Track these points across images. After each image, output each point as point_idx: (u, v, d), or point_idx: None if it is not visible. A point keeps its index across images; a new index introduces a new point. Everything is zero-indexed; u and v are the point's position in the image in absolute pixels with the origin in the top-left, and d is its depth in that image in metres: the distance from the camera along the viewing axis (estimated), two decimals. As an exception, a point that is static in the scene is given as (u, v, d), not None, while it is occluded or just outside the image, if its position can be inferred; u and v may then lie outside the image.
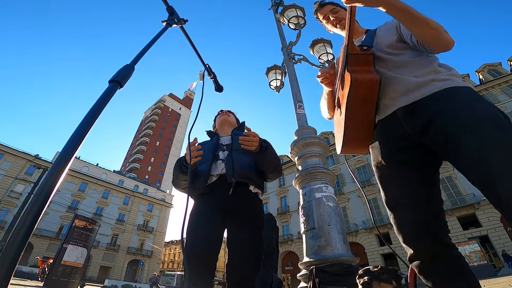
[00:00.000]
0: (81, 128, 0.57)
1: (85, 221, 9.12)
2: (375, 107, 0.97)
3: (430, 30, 0.86)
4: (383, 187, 0.95)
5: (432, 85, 0.87)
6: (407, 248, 0.87)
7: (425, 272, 0.84)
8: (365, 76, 0.93)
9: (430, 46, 0.91)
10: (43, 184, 0.48)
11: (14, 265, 0.40)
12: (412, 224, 0.84)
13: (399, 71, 0.96)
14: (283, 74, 4.46)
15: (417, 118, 0.85)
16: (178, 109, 77.89)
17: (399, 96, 0.92)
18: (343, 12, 1.34)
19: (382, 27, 1.15)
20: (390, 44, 1.04)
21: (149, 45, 0.89)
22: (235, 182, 1.38)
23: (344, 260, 2.01)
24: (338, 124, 1.15)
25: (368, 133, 1.03)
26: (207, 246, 1.27)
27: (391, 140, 0.93)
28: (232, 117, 1.88)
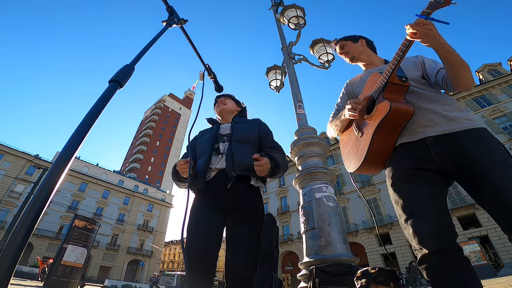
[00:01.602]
0: (81, 128, 0.58)
1: (85, 221, 9.12)
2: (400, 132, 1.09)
3: (466, 73, 0.99)
4: (401, 194, 1.02)
5: (461, 122, 1.02)
6: (420, 249, 0.91)
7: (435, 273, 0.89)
8: (403, 106, 1.05)
9: (457, 86, 1.04)
10: (43, 184, 0.48)
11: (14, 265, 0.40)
12: (431, 226, 0.91)
13: (429, 103, 1.09)
14: (283, 74, 4.46)
15: (446, 148, 0.98)
16: (178, 109, 77.90)
17: (430, 126, 1.04)
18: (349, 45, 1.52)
19: (404, 61, 1.25)
20: (416, 79, 1.18)
21: (149, 45, 0.89)
22: (236, 175, 1.34)
23: (344, 260, 2.01)
24: (354, 145, 1.26)
25: (386, 155, 1.14)
26: (207, 246, 1.27)
27: (415, 160, 1.03)
28: (229, 103, 1.75)
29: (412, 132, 1.07)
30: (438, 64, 1.17)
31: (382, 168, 1.20)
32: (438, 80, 1.12)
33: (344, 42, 1.56)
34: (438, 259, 0.87)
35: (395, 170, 1.08)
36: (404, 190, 1.02)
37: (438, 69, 1.14)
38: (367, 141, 1.12)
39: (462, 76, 1.01)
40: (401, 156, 1.09)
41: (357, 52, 1.51)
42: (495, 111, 19.84)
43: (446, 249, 0.87)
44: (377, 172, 1.23)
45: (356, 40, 1.54)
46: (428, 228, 0.91)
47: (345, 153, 1.37)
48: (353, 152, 1.25)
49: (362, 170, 1.21)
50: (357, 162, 1.20)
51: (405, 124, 1.07)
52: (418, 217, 0.94)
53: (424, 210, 0.94)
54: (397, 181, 1.06)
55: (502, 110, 19.56)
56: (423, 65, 1.22)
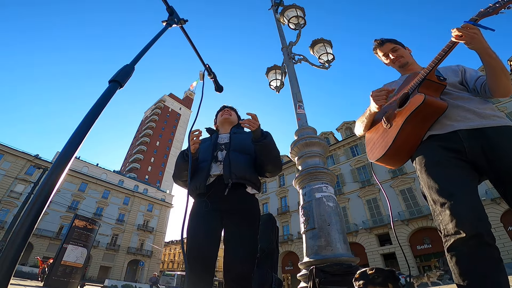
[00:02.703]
0: (81, 128, 0.58)
1: (85, 221, 9.13)
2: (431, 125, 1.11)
3: (505, 78, 1.03)
4: (436, 179, 1.01)
5: (493, 119, 1.05)
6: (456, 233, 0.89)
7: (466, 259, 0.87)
8: (437, 101, 1.08)
9: (496, 92, 1.07)
10: (43, 184, 0.48)
11: (14, 265, 0.40)
12: (471, 209, 0.90)
13: (463, 102, 1.13)
14: (283, 74, 4.46)
15: (479, 143, 1.01)
16: (178, 109, 77.89)
17: (461, 121, 1.07)
18: (402, 50, 1.49)
19: (444, 69, 1.31)
20: (453, 84, 1.22)
21: (149, 45, 0.89)
22: (232, 183, 1.39)
23: (344, 260, 2.01)
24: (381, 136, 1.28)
25: (413, 147, 1.15)
26: (206, 246, 1.29)
27: (448, 150, 1.05)
28: (234, 115, 1.85)
29: (442, 125, 1.09)
30: (478, 73, 1.22)
31: (406, 160, 1.20)
32: (477, 86, 1.15)
33: (396, 45, 1.49)
34: (472, 245, 0.86)
35: (428, 157, 1.08)
36: (441, 174, 1.01)
37: (477, 76, 1.18)
38: (396, 130, 1.14)
39: (502, 82, 1.04)
40: (433, 145, 1.09)
41: (410, 58, 1.48)
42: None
43: (483, 235, 0.85)
44: (399, 164, 1.23)
45: (404, 46, 1.51)
46: (467, 212, 0.89)
47: (370, 146, 1.37)
48: (379, 142, 1.26)
49: (385, 160, 1.20)
50: (381, 151, 1.20)
51: (436, 118, 1.09)
52: (457, 199, 0.93)
53: (462, 194, 0.93)
54: (433, 165, 1.05)
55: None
56: (464, 73, 1.25)
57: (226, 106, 1.90)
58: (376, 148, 1.26)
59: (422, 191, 1.09)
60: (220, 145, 1.62)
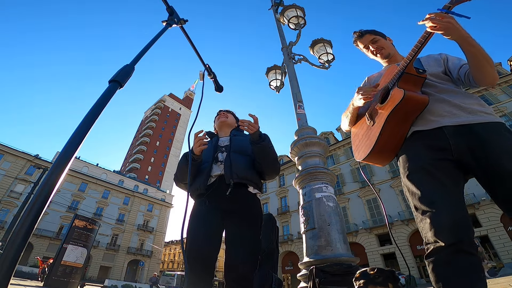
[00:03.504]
0: (81, 128, 0.57)
1: (85, 221, 9.13)
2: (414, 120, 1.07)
3: (488, 66, 0.98)
4: (418, 186, 0.98)
5: (480, 115, 1.01)
6: (435, 241, 0.88)
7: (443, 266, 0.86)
8: (417, 95, 1.03)
9: (480, 81, 1.02)
10: (43, 184, 0.48)
11: (14, 265, 0.40)
12: (449, 219, 0.88)
13: (449, 95, 1.08)
14: (283, 74, 4.46)
15: (465, 140, 0.97)
16: (178, 109, 77.87)
17: (447, 116, 1.03)
18: (383, 41, 1.42)
19: (426, 58, 1.26)
20: (436, 74, 1.17)
21: (149, 45, 0.89)
22: (233, 183, 1.39)
23: (344, 260, 2.01)
24: (365, 134, 1.24)
25: (398, 144, 1.12)
26: (206, 246, 1.29)
27: (433, 150, 1.01)
28: (230, 117, 1.86)
29: (427, 121, 1.05)
30: (461, 61, 1.15)
31: (392, 158, 1.16)
32: (461, 76, 1.10)
33: (375, 36, 1.42)
34: (450, 253, 0.84)
35: (412, 160, 1.04)
36: (423, 181, 0.98)
37: (461, 65, 1.12)
38: (378, 129, 1.10)
39: (485, 70, 0.99)
40: (417, 145, 1.05)
41: (391, 49, 1.42)
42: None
43: (462, 243, 0.84)
44: (385, 163, 1.19)
45: (385, 36, 1.44)
46: (446, 221, 0.88)
47: (356, 143, 1.33)
48: (363, 141, 1.23)
49: (371, 159, 1.17)
50: (366, 150, 1.17)
51: (418, 114, 1.05)
52: (437, 209, 0.91)
53: (443, 202, 0.91)
54: (415, 171, 1.01)
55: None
56: (446, 61, 1.20)
57: (222, 110, 1.91)
58: (361, 148, 1.23)
59: (405, 194, 1.06)
60: (221, 147, 1.63)
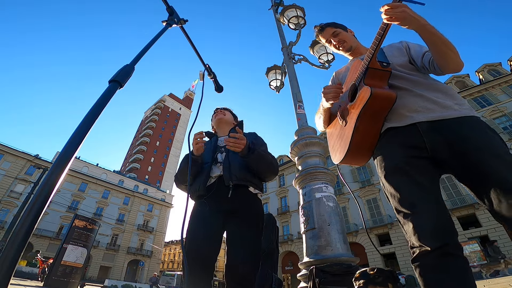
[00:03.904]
0: (81, 128, 0.57)
1: (85, 221, 9.12)
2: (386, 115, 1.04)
3: (451, 53, 0.95)
4: (397, 188, 0.95)
5: (455, 108, 0.97)
6: (420, 246, 0.86)
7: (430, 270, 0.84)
8: (385, 92, 1.00)
9: (445, 68, 0.99)
10: (43, 184, 0.48)
11: (14, 265, 0.40)
12: (433, 222, 0.86)
13: (421, 89, 1.04)
14: (283, 74, 4.46)
15: (441, 136, 0.93)
16: (178, 109, 77.85)
17: (421, 111, 0.99)
18: (344, 34, 1.38)
19: (389, 48, 1.22)
20: (403, 64, 1.13)
21: (149, 45, 0.89)
22: (233, 185, 1.39)
23: (344, 260, 2.01)
24: (339, 135, 1.20)
25: (373, 143, 1.08)
26: (206, 247, 1.29)
27: (407, 148, 0.97)
28: (228, 115, 1.83)
29: (400, 116, 1.02)
30: (423, 48, 1.12)
31: (370, 157, 1.14)
32: (425, 64, 1.07)
33: (336, 29, 1.38)
34: (436, 256, 0.83)
35: (387, 160, 1.01)
36: (401, 183, 0.95)
37: (423, 52, 1.09)
38: (350, 130, 1.07)
39: (448, 57, 0.96)
40: (392, 143, 1.02)
41: (354, 42, 1.39)
42: (495, 111, 19.84)
43: (448, 246, 0.82)
44: (364, 162, 1.17)
45: (345, 29, 1.41)
46: (430, 225, 0.86)
47: (331, 145, 1.30)
48: (338, 143, 1.20)
49: (347, 161, 1.15)
50: (341, 153, 1.14)
51: (388, 110, 1.02)
52: (418, 212, 0.89)
53: (424, 204, 0.89)
54: (392, 172, 0.98)
55: (502, 110, 19.56)
56: (408, 50, 1.17)
57: (219, 108, 1.89)
58: (337, 150, 1.21)
59: (385, 195, 1.04)
60: (220, 147, 1.62)
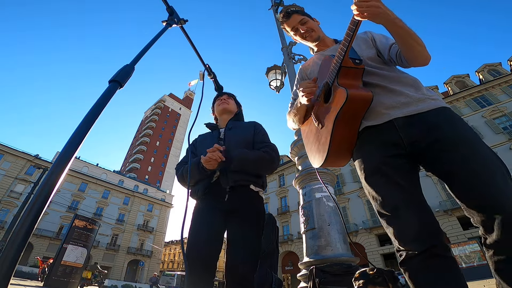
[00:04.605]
0: (81, 128, 0.57)
1: (85, 221, 9.13)
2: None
3: (418, 46, 0.94)
4: (378, 191, 0.94)
5: (428, 102, 0.97)
6: (406, 250, 0.86)
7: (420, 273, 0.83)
8: (361, 93, 0.97)
9: (412, 62, 0.99)
10: (43, 184, 0.48)
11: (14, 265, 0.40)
12: (417, 224, 0.84)
13: (393, 84, 1.03)
14: (283, 74, 4.46)
15: (415, 129, 0.93)
16: (178, 109, 77.87)
17: (396, 107, 0.98)
18: (312, 23, 1.32)
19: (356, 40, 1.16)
20: (372, 57, 1.10)
21: (149, 45, 0.89)
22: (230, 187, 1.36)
23: (344, 260, 2.01)
24: (315, 137, 1.15)
25: (351, 144, 1.07)
26: (208, 246, 1.28)
27: (384, 146, 0.96)
28: (231, 103, 1.74)
29: (377, 114, 0.99)
30: (389, 40, 1.09)
31: (350, 157, 1.12)
32: (392, 57, 1.04)
33: (304, 17, 1.31)
34: (423, 259, 0.82)
35: (366, 161, 0.99)
36: (381, 185, 0.93)
37: (390, 45, 1.07)
38: (328, 134, 1.04)
39: (415, 50, 0.95)
40: (370, 143, 1.00)
41: (320, 32, 1.31)
42: (495, 111, 19.84)
43: (434, 248, 0.81)
44: (344, 163, 1.15)
45: (312, 18, 1.34)
46: (414, 228, 0.84)
47: (308, 146, 1.26)
48: (316, 146, 1.16)
49: (328, 164, 1.12)
50: (321, 157, 1.11)
51: (365, 111, 0.99)
52: (400, 215, 0.87)
53: (406, 207, 0.87)
54: (371, 174, 0.97)
55: (502, 110, 19.55)
56: (374, 41, 1.14)
57: (224, 93, 1.76)
58: (315, 154, 1.17)
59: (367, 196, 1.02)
60: (220, 140, 1.57)
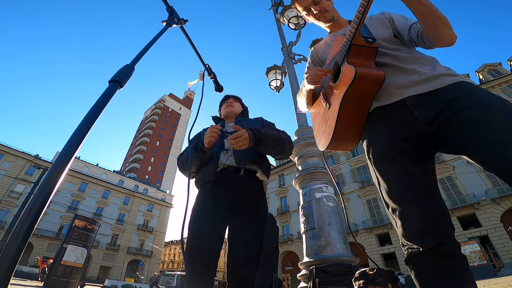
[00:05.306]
0: (81, 128, 0.57)
1: (85, 221, 9.13)
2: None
3: (444, 26, 0.86)
4: (385, 178, 0.88)
5: (443, 79, 0.88)
6: (411, 246, 0.80)
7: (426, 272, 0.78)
8: (372, 71, 0.89)
9: (437, 42, 0.91)
10: (43, 184, 0.48)
11: (14, 265, 0.40)
12: (422, 218, 0.78)
13: (408, 64, 0.95)
14: (283, 74, 4.46)
15: (431, 105, 0.85)
16: (178, 109, 77.87)
17: (409, 86, 0.90)
18: (325, 3, 1.25)
19: (369, 20, 1.10)
20: (387, 38, 1.03)
21: (149, 45, 0.89)
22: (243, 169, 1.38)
23: (344, 260, 2.01)
24: (323, 118, 1.10)
25: (360, 126, 1.00)
26: (208, 245, 1.27)
27: (396, 128, 0.90)
28: (237, 106, 1.79)
29: (389, 94, 0.93)
30: (408, 20, 1.03)
31: (358, 142, 1.06)
32: (413, 37, 0.97)
33: None
34: (430, 257, 0.76)
35: (374, 145, 0.93)
36: (389, 172, 0.87)
37: (410, 25, 0.99)
38: (335, 114, 0.97)
39: (440, 30, 0.87)
40: (379, 125, 0.94)
41: (335, 12, 1.25)
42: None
43: (442, 246, 0.76)
44: (351, 147, 1.08)
45: None
46: (419, 222, 0.79)
47: (316, 128, 1.20)
48: (322, 127, 1.10)
49: (334, 147, 1.06)
50: (326, 139, 1.05)
51: (376, 92, 0.91)
52: (407, 207, 0.81)
53: (413, 198, 0.81)
54: (379, 160, 0.90)
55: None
56: (392, 22, 1.07)
57: (230, 96, 1.82)
58: (321, 135, 1.11)
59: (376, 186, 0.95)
60: (227, 133, 1.58)
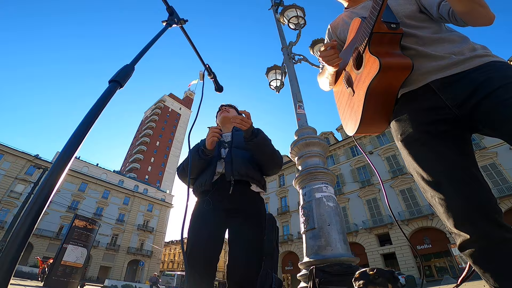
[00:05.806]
0: (81, 128, 0.57)
1: (85, 221, 9.14)
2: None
3: (481, 8, 0.78)
4: (420, 162, 0.82)
5: (474, 60, 0.82)
6: (458, 233, 0.74)
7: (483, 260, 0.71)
8: (398, 61, 0.84)
9: (472, 23, 0.82)
10: (43, 184, 0.48)
11: (14, 265, 0.40)
12: (466, 204, 0.72)
13: (433, 47, 0.88)
14: (283, 74, 4.46)
15: (459, 88, 0.80)
16: (178, 109, 77.90)
17: (438, 70, 0.85)
18: None
19: None
20: (411, 14, 0.95)
21: (149, 45, 0.89)
22: (234, 180, 1.38)
23: (344, 260, 2.01)
24: (348, 104, 1.06)
25: (387, 113, 0.95)
26: (208, 246, 1.27)
27: (424, 112, 0.85)
28: (232, 112, 1.82)
29: (416, 79, 0.88)
30: None
31: (387, 125, 1.02)
32: (443, 15, 0.88)
33: None
34: (483, 245, 0.70)
35: (404, 131, 0.88)
36: (421, 156, 0.83)
37: (439, 2, 0.90)
38: (360, 102, 0.93)
39: (476, 12, 0.78)
40: (408, 110, 0.89)
41: None
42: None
43: (490, 233, 0.69)
44: (381, 131, 1.05)
45: None
46: (463, 208, 0.72)
47: (340, 111, 1.17)
48: (348, 112, 1.07)
49: (361, 132, 1.03)
50: (353, 125, 1.02)
51: (403, 80, 0.86)
52: (447, 192, 0.75)
53: (453, 181, 0.75)
54: (411, 144, 0.85)
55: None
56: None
57: (224, 105, 1.87)
58: (347, 121, 1.08)
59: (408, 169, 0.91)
60: (224, 143, 1.62)
